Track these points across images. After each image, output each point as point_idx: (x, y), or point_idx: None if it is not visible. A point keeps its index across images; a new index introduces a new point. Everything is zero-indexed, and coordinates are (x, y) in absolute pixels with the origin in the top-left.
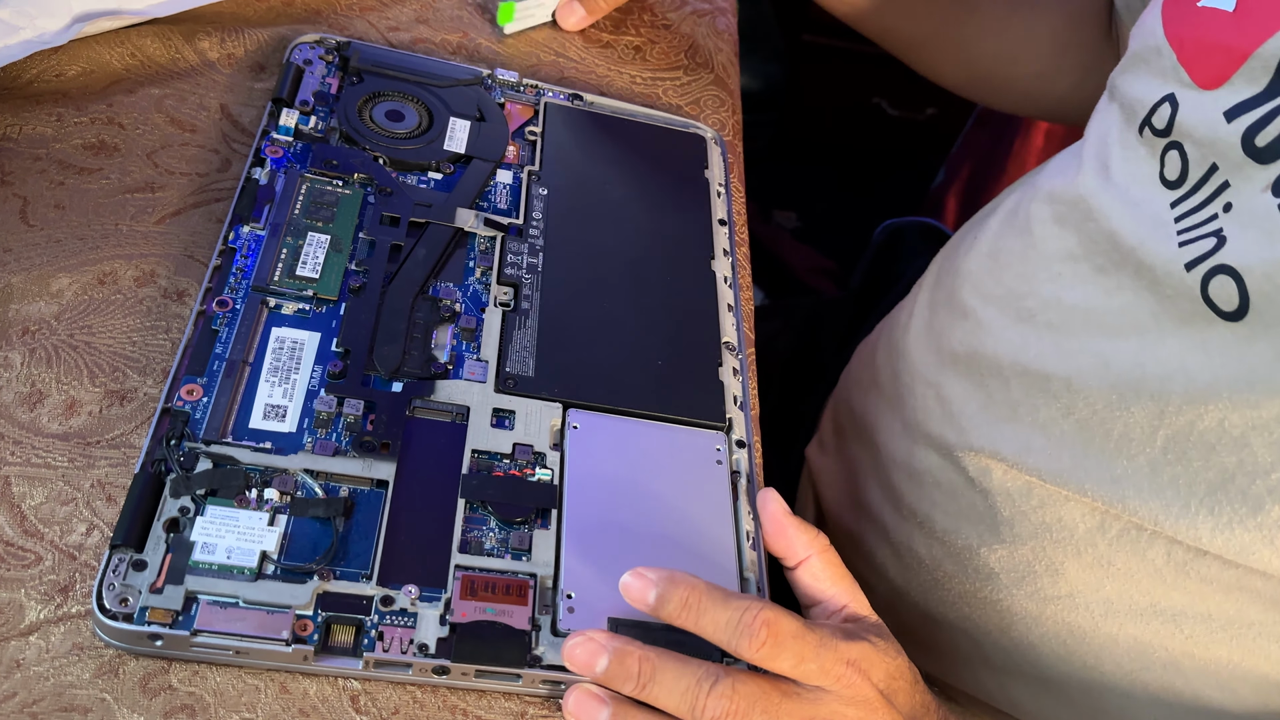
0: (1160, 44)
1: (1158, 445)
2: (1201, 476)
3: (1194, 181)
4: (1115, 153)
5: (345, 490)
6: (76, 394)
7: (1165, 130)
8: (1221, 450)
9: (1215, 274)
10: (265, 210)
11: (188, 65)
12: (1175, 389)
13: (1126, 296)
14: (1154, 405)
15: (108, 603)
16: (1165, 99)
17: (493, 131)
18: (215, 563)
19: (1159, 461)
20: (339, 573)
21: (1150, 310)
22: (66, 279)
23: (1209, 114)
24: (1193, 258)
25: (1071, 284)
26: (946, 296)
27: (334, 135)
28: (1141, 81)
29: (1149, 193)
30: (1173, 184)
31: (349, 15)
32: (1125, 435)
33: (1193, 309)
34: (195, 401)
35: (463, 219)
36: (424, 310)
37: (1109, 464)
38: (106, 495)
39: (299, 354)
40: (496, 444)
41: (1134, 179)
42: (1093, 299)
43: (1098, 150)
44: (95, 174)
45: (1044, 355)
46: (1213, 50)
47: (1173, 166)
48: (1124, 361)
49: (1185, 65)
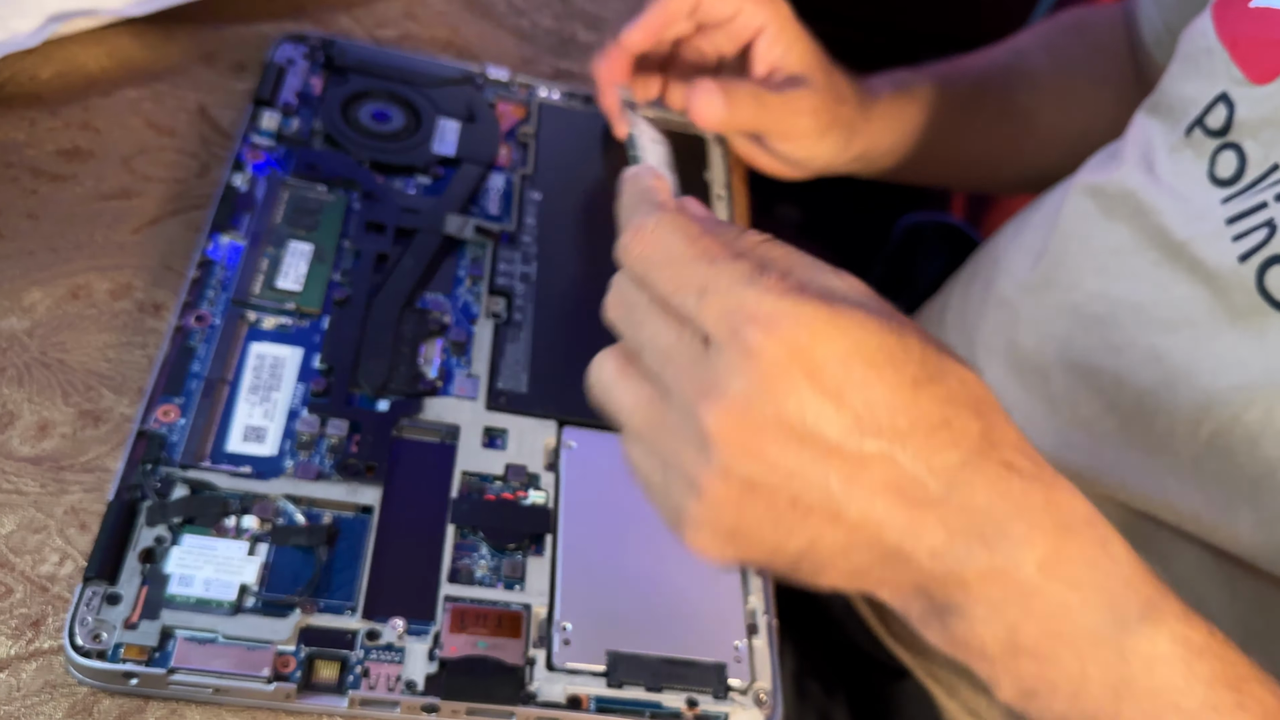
0: (1212, 45)
1: (1201, 440)
2: (1246, 471)
3: (1251, 179)
4: (1160, 156)
5: (329, 517)
6: (49, 415)
7: (1222, 130)
8: (1265, 443)
9: (1271, 264)
10: (245, 218)
11: (166, 65)
12: (1225, 383)
13: (1181, 290)
14: (1203, 399)
15: (80, 639)
16: (1219, 99)
17: (483, 133)
18: (192, 596)
19: (1202, 456)
20: (322, 605)
21: (1205, 304)
22: (39, 292)
23: (1267, 111)
24: (1245, 250)
25: (1119, 276)
26: (983, 289)
27: (317, 138)
28: (1190, 83)
29: (1196, 190)
30: (1225, 182)
31: (333, 11)
32: (1169, 430)
33: (1248, 302)
34: (171, 423)
35: (452, 225)
36: (411, 323)
37: (1151, 460)
38: (80, 523)
39: (280, 371)
40: (488, 465)
41: (1180, 177)
42: (1143, 292)
43: (1142, 152)
44: (69, 181)
45: (1091, 349)
46: (1267, 45)
47: (1226, 165)
48: (1178, 356)
49: (1239, 63)
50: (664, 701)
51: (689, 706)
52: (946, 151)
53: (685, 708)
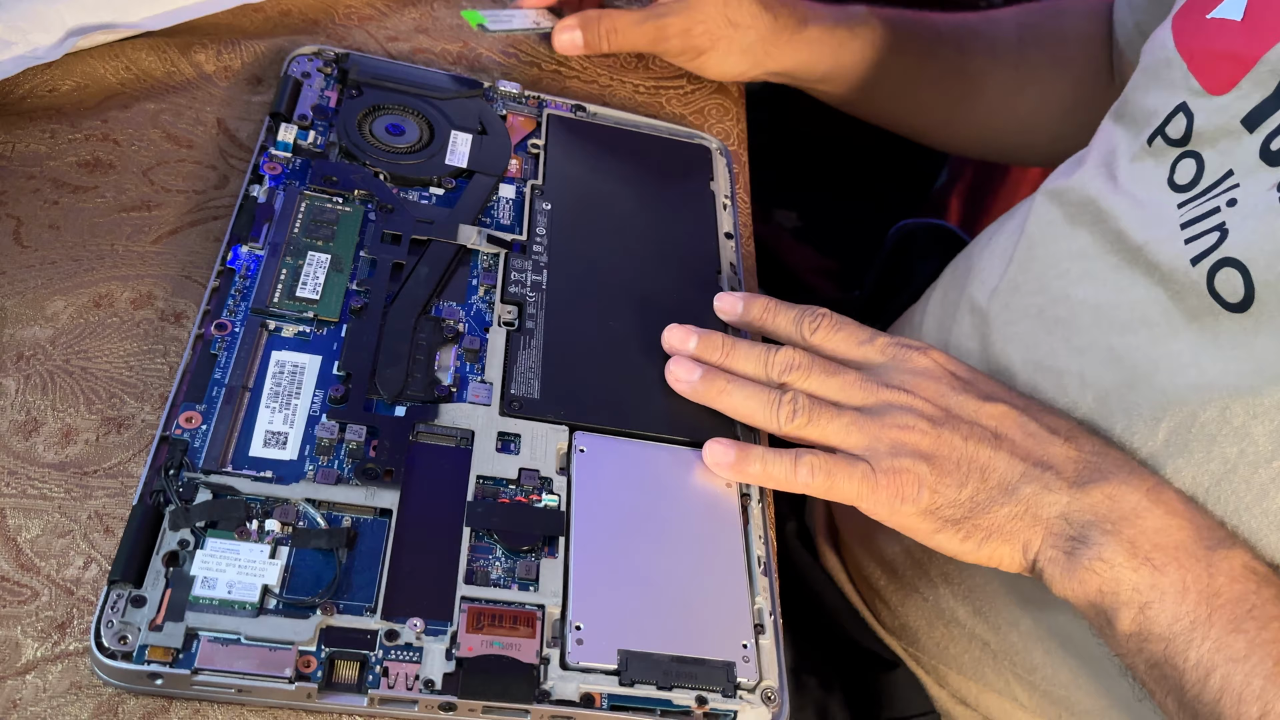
0: (1171, 56)
1: (1159, 439)
2: (1205, 468)
3: (1206, 185)
4: (1122, 164)
5: (348, 520)
6: (73, 421)
7: (1182, 140)
8: (1223, 441)
9: (1221, 267)
10: (264, 229)
11: (184, 79)
12: (1182, 382)
13: (1139, 292)
14: (1161, 398)
15: (106, 641)
16: (1178, 109)
17: (495, 144)
18: (216, 598)
19: (1160, 455)
20: (342, 606)
21: (1162, 306)
22: (61, 302)
23: (1223, 121)
24: (1198, 253)
25: (1080, 280)
26: (957, 295)
27: (333, 150)
28: (1151, 93)
29: (1155, 195)
30: (1182, 188)
31: (347, 25)
32: (1129, 429)
33: (1200, 303)
34: (194, 429)
35: (465, 236)
36: (427, 331)
37: None
38: (104, 527)
39: (299, 378)
40: (502, 469)
41: (1140, 184)
42: (1103, 295)
43: (1104, 159)
44: (90, 192)
45: (1054, 351)
46: (1221, 58)
47: (1184, 172)
48: (1136, 356)
49: (1195, 74)
50: (674, 699)
51: (698, 704)
52: (892, 91)
53: (695, 705)
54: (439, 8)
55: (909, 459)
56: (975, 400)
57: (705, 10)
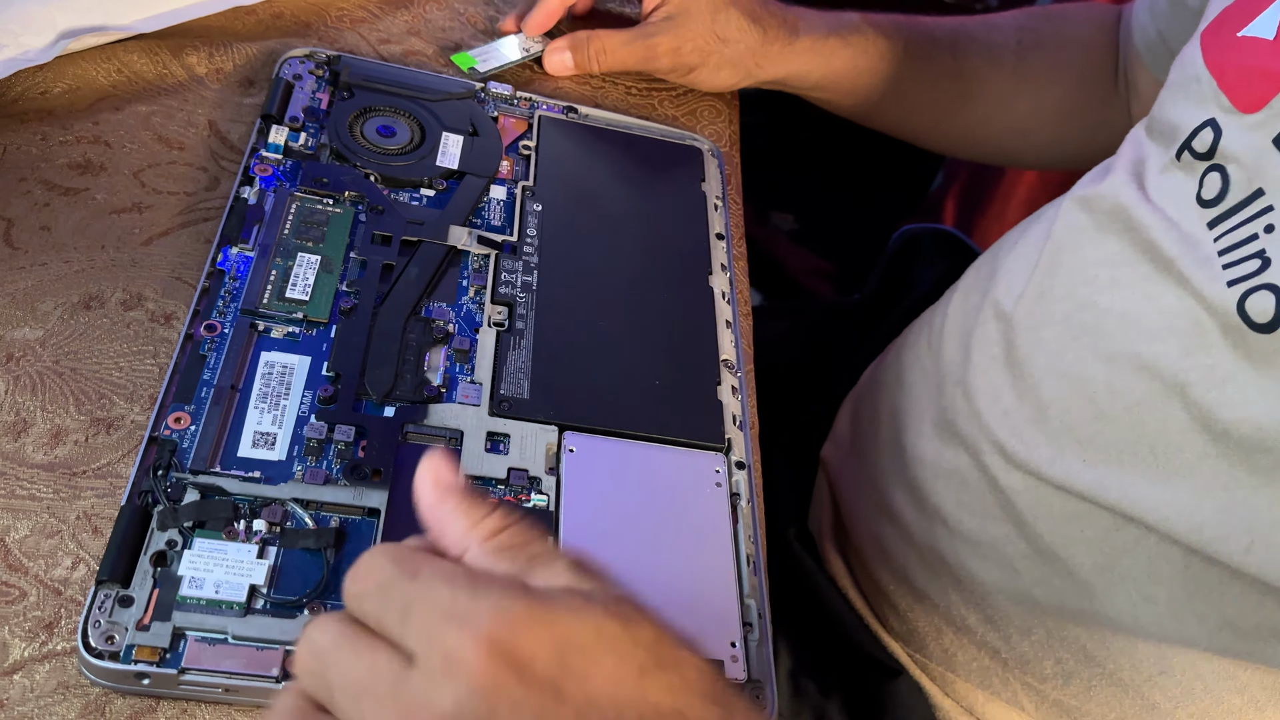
0: (1200, 72)
1: (1196, 451)
2: (1243, 482)
3: (1235, 202)
4: (1152, 176)
5: (336, 520)
6: (62, 422)
7: (1208, 154)
8: (1260, 455)
9: (1255, 291)
10: (254, 230)
11: (175, 81)
12: (1215, 397)
13: (1168, 302)
14: (1194, 411)
15: (93, 641)
16: (1206, 124)
17: (486, 146)
18: (203, 598)
19: (1198, 467)
20: (330, 606)
21: (1192, 317)
22: (51, 303)
23: (1255, 140)
24: (1235, 277)
25: (1108, 287)
26: (980, 299)
27: (324, 152)
28: (1179, 108)
29: (1185, 211)
30: (1209, 203)
31: (339, 28)
32: (1163, 439)
33: (1227, 321)
34: (183, 430)
35: (456, 237)
36: (416, 332)
37: (1144, 469)
38: (93, 527)
39: (289, 379)
40: (491, 469)
41: (1170, 198)
42: (1131, 303)
43: (1134, 169)
44: (81, 194)
45: (1081, 358)
46: (1253, 75)
47: (1211, 187)
48: (1164, 366)
49: (1226, 91)
50: None
51: None
52: (886, 97)
53: None
54: (431, 10)
55: None
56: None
57: (693, 27)
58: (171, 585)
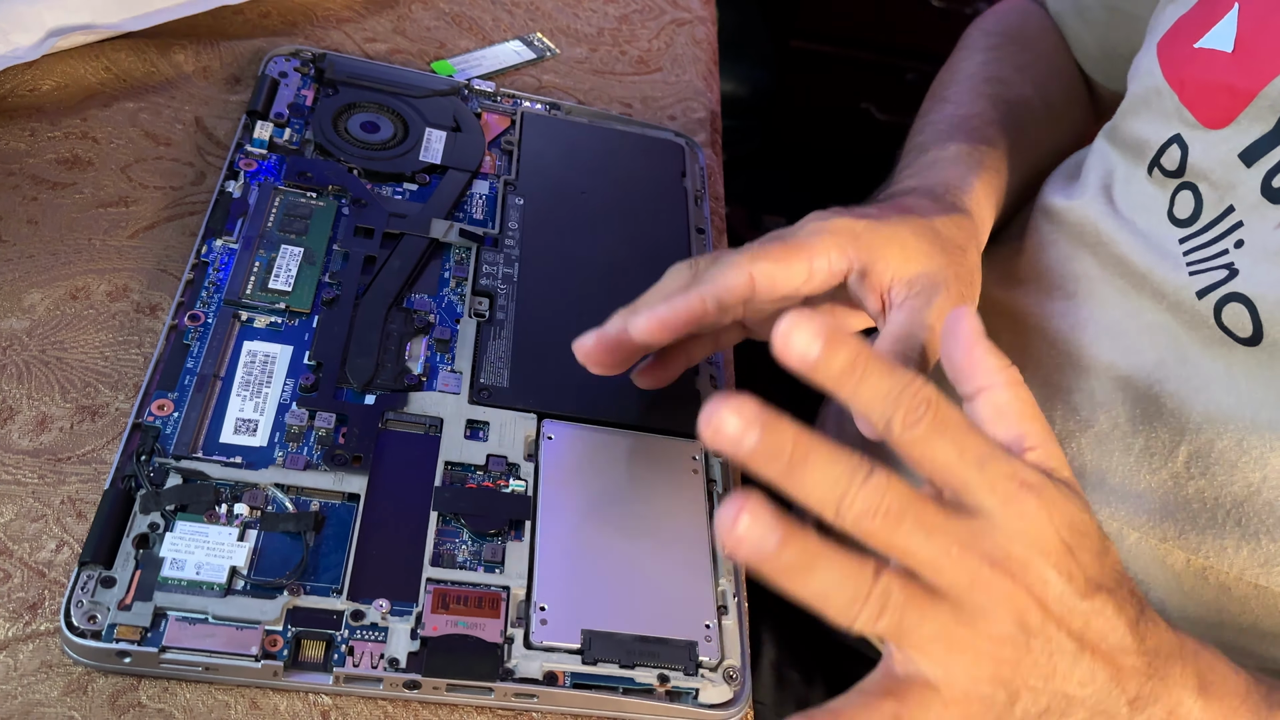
0: (1160, 85)
1: (1180, 460)
2: (1228, 490)
3: (1207, 221)
4: (1120, 188)
5: (316, 504)
6: (47, 410)
7: (1177, 171)
8: (1244, 467)
9: (1228, 301)
10: (239, 223)
11: (163, 79)
12: (1197, 408)
13: (1147, 317)
14: (1176, 423)
15: (76, 620)
16: (1173, 140)
17: (469, 142)
18: (184, 579)
19: (1182, 475)
20: (309, 588)
21: (1170, 332)
22: (39, 294)
23: (1222, 155)
24: (1203, 286)
25: (1086, 300)
26: None
27: (309, 147)
28: (1144, 122)
29: (1156, 227)
30: (1183, 222)
31: (325, 27)
32: (1147, 450)
33: (1210, 334)
34: (166, 416)
35: (438, 230)
36: (398, 322)
37: (1129, 479)
38: (77, 512)
39: (271, 367)
40: (470, 456)
41: (1140, 213)
42: (1109, 316)
43: (1102, 183)
44: (69, 188)
45: (1061, 368)
46: (1215, 90)
47: (1184, 206)
48: (1143, 377)
49: (1188, 105)
50: (636, 677)
51: (660, 682)
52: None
53: (657, 683)
54: (416, 10)
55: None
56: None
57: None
58: (153, 566)
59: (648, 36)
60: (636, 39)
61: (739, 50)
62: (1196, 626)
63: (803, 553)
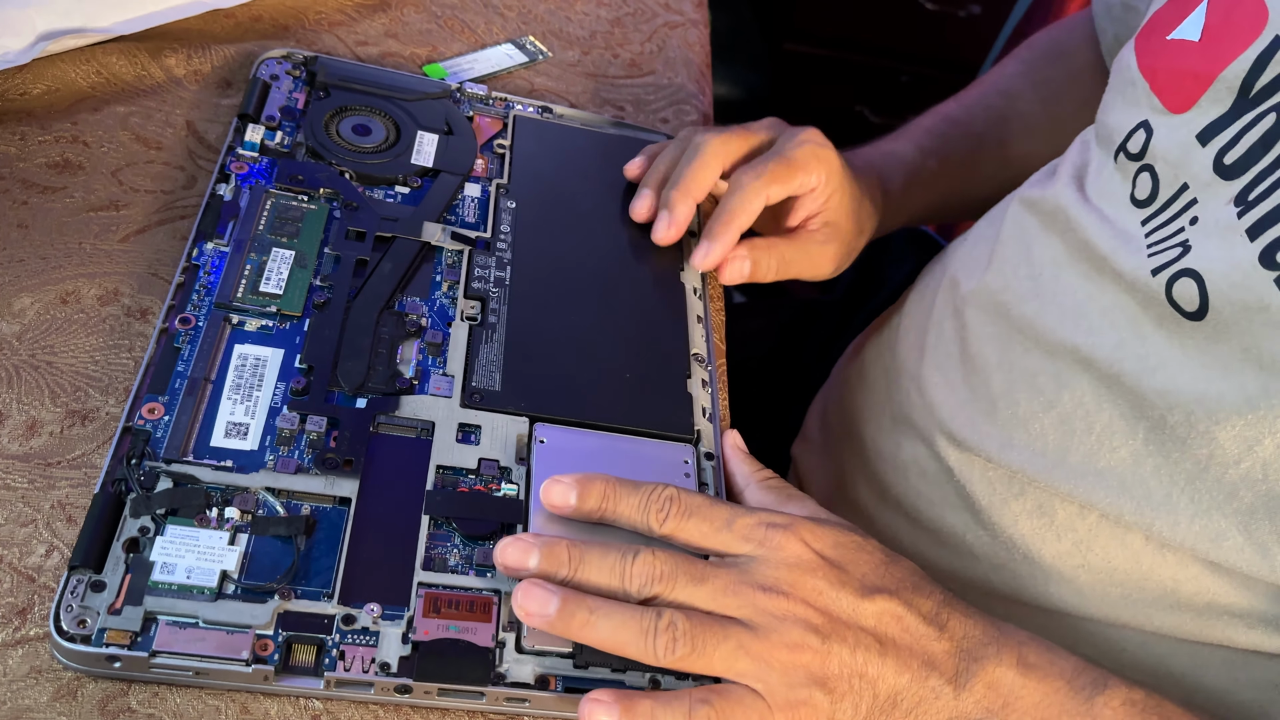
0: (1134, 76)
1: (1139, 438)
2: (1181, 467)
3: (1164, 200)
4: (1091, 175)
5: (307, 508)
6: (37, 414)
7: (1139, 154)
8: (1193, 443)
9: (1179, 277)
10: (230, 226)
11: (154, 82)
12: (1151, 386)
13: (1106, 300)
14: (1134, 400)
15: (65, 625)
16: (1140, 125)
17: (461, 145)
18: (175, 583)
19: (1141, 453)
20: (300, 592)
21: (1128, 313)
22: (29, 298)
23: (1181, 136)
24: (1158, 264)
25: (1052, 285)
26: (934, 298)
27: (300, 150)
28: (1117, 111)
29: (1120, 212)
30: (1142, 203)
31: (317, 30)
32: (1109, 428)
33: (1162, 311)
34: (156, 420)
35: (429, 233)
36: (389, 325)
37: (1091, 457)
38: (67, 516)
39: (261, 371)
40: (462, 459)
41: (1107, 199)
42: (1072, 300)
43: (1075, 171)
44: (59, 192)
45: (1028, 351)
46: (1182, 77)
47: (1143, 187)
48: (1103, 358)
49: (1158, 93)
50: (628, 681)
51: (652, 686)
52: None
53: (649, 687)
54: (408, 13)
55: (805, 689)
56: (854, 597)
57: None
58: (143, 570)
59: (640, 39)
60: (629, 42)
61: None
62: (1154, 608)
63: (580, 608)
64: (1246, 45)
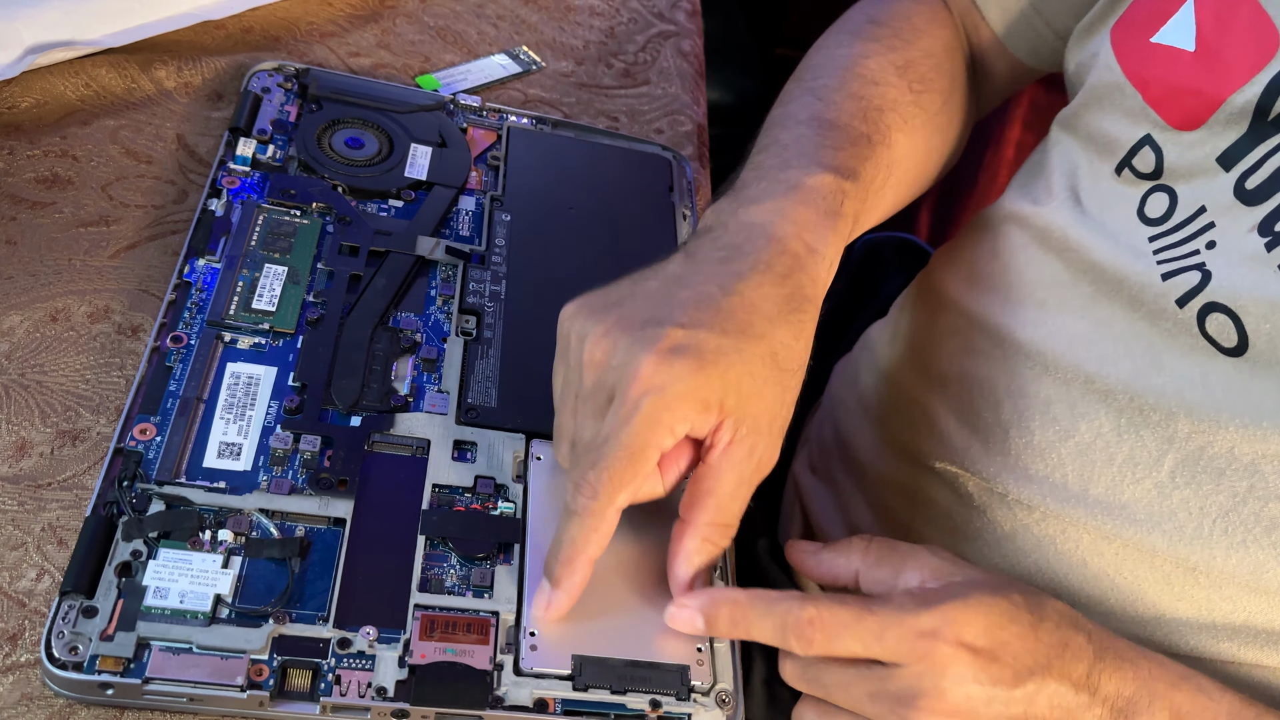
0: (1120, 82)
1: (1165, 470)
2: (1213, 500)
3: (1178, 221)
4: (1086, 186)
5: (301, 530)
6: (27, 435)
7: (1153, 174)
8: (1232, 475)
9: (1210, 311)
10: (222, 242)
11: (144, 95)
12: (1181, 417)
13: (1119, 326)
14: (1161, 431)
15: (57, 651)
16: (1144, 142)
17: (455, 157)
18: (168, 607)
19: (1166, 485)
20: (295, 615)
21: (1145, 341)
22: (18, 317)
23: (1198, 158)
24: (1182, 292)
25: (1056, 309)
26: (930, 317)
27: (292, 164)
28: (1110, 120)
29: (1124, 225)
30: (1154, 221)
31: (308, 41)
32: (1131, 459)
33: (1193, 343)
34: (148, 441)
35: (424, 247)
36: (383, 341)
37: (1113, 489)
38: (58, 539)
39: (254, 389)
40: (458, 478)
41: (1109, 213)
42: (1080, 325)
43: (1068, 181)
44: (48, 208)
45: (1038, 379)
46: (1181, 94)
47: (1156, 206)
48: (1120, 388)
49: (1154, 106)
50: (628, 703)
51: (652, 708)
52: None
53: (649, 709)
54: (401, 24)
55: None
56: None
57: None
58: (136, 595)
59: (634, 50)
60: (623, 52)
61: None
62: (1188, 627)
63: None
64: (1259, 67)
